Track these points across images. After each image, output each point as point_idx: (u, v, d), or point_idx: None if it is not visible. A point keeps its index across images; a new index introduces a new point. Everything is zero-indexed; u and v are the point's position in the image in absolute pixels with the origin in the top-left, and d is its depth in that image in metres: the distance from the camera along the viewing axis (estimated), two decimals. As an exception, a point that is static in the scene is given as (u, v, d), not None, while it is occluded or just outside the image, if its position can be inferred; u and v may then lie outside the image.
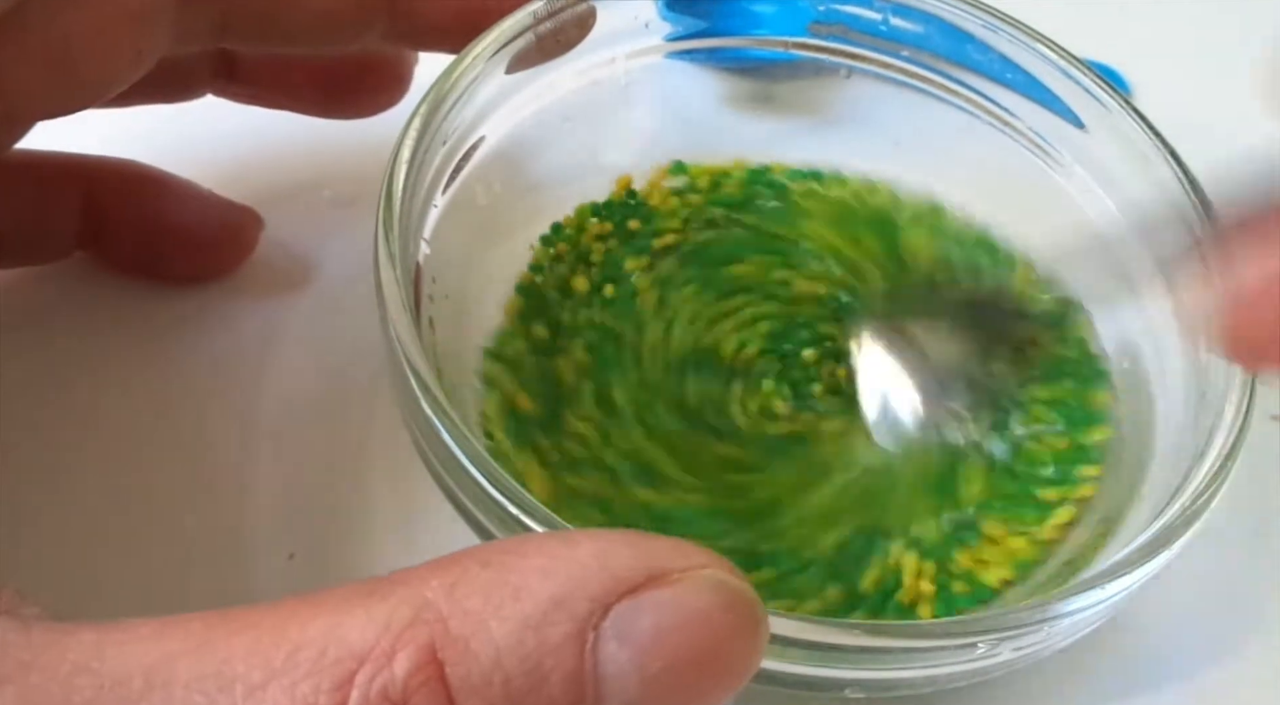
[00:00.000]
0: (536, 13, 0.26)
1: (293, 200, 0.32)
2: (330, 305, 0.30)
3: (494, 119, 0.27)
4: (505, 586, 0.15)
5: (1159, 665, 0.26)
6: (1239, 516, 0.27)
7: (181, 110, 0.29)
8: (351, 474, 0.27)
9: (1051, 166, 0.29)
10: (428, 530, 0.26)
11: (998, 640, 0.20)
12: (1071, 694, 0.26)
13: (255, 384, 0.28)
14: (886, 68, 0.30)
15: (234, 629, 0.15)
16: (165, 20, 0.24)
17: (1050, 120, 0.28)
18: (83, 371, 0.28)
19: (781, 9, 0.29)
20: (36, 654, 0.15)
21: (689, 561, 0.16)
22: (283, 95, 0.29)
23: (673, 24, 0.29)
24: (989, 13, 0.28)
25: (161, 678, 0.14)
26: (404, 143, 0.24)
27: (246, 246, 0.30)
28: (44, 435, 0.27)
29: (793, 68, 0.30)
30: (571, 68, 0.28)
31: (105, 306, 0.29)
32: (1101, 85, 0.27)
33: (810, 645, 0.19)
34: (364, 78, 0.29)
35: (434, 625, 0.15)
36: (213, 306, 0.30)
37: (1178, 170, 0.26)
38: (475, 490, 0.20)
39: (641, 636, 0.15)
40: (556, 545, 0.16)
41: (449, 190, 0.26)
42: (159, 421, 0.28)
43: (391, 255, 0.22)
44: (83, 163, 0.28)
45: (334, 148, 0.31)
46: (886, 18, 0.29)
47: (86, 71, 0.23)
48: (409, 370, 0.21)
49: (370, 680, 0.14)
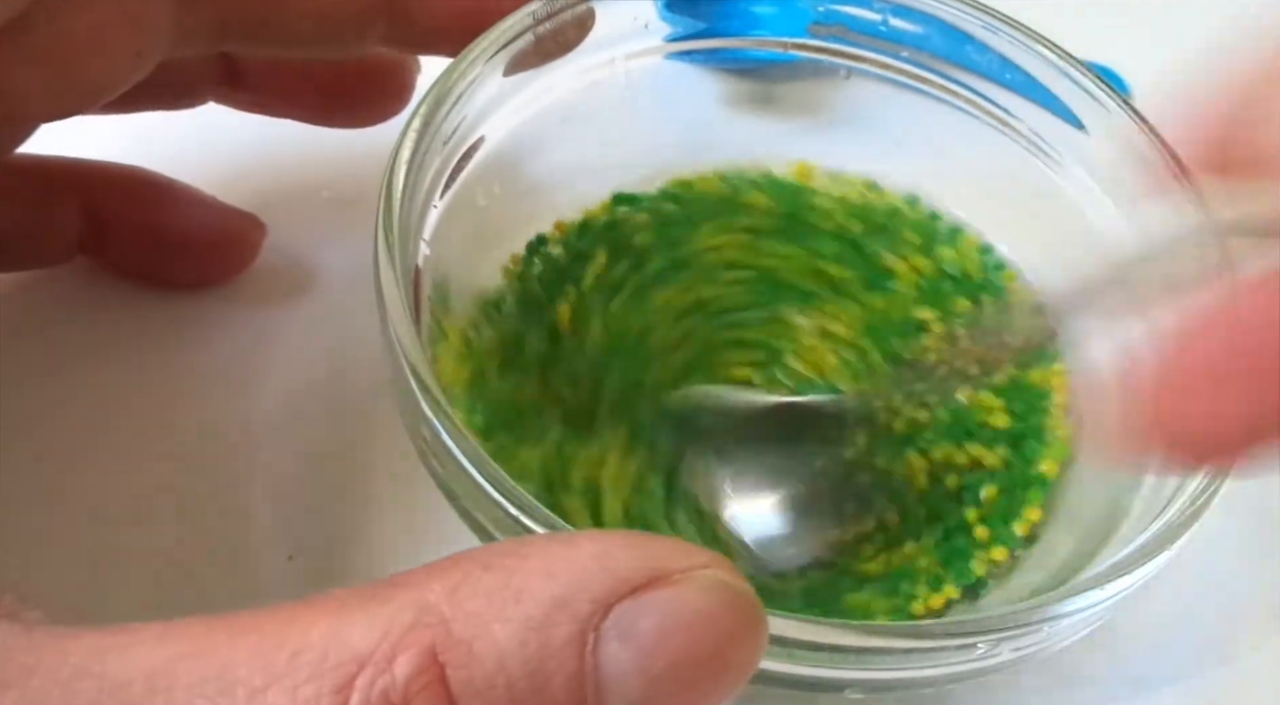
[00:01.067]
0: (535, 14, 0.26)
1: (292, 202, 0.32)
2: (330, 306, 0.30)
3: (493, 120, 0.27)
4: (507, 589, 0.15)
5: (1157, 666, 0.26)
6: (1238, 517, 0.27)
7: (181, 113, 0.29)
8: (352, 475, 0.27)
9: (1051, 167, 0.29)
10: (428, 531, 0.26)
11: (997, 640, 0.20)
12: (1071, 694, 0.26)
13: (255, 386, 0.28)
14: (886, 68, 0.30)
15: (235, 633, 0.15)
16: (164, 22, 0.24)
17: (1050, 121, 0.28)
18: (84, 375, 0.28)
19: (781, 10, 0.29)
20: (38, 657, 0.15)
21: (690, 561, 0.16)
22: (285, 103, 0.29)
23: (672, 25, 0.29)
24: (989, 13, 0.28)
25: (163, 681, 0.14)
26: (403, 144, 0.24)
27: (249, 253, 0.30)
28: (45, 438, 0.27)
29: (792, 68, 0.30)
30: (571, 69, 0.28)
31: (106, 310, 0.29)
32: (1101, 86, 0.27)
33: (810, 645, 0.19)
34: (366, 86, 0.29)
35: (436, 628, 0.15)
36: (213, 308, 0.30)
37: (1177, 170, 0.26)
38: (475, 491, 0.20)
39: (643, 637, 0.15)
40: (557, 547, 0.16)
41: (449, 191, 0.26)
42: (160, 424, 0.28)
43: (391, 256, 0.22)
44: (85, 168, 0.28)
45: (333, 149, 0.31)
46: (886, 18, 0.29)
47: (86, 73, 0.23)
48: (409, 371, 0.21)
49: (371, 683, 0.14)
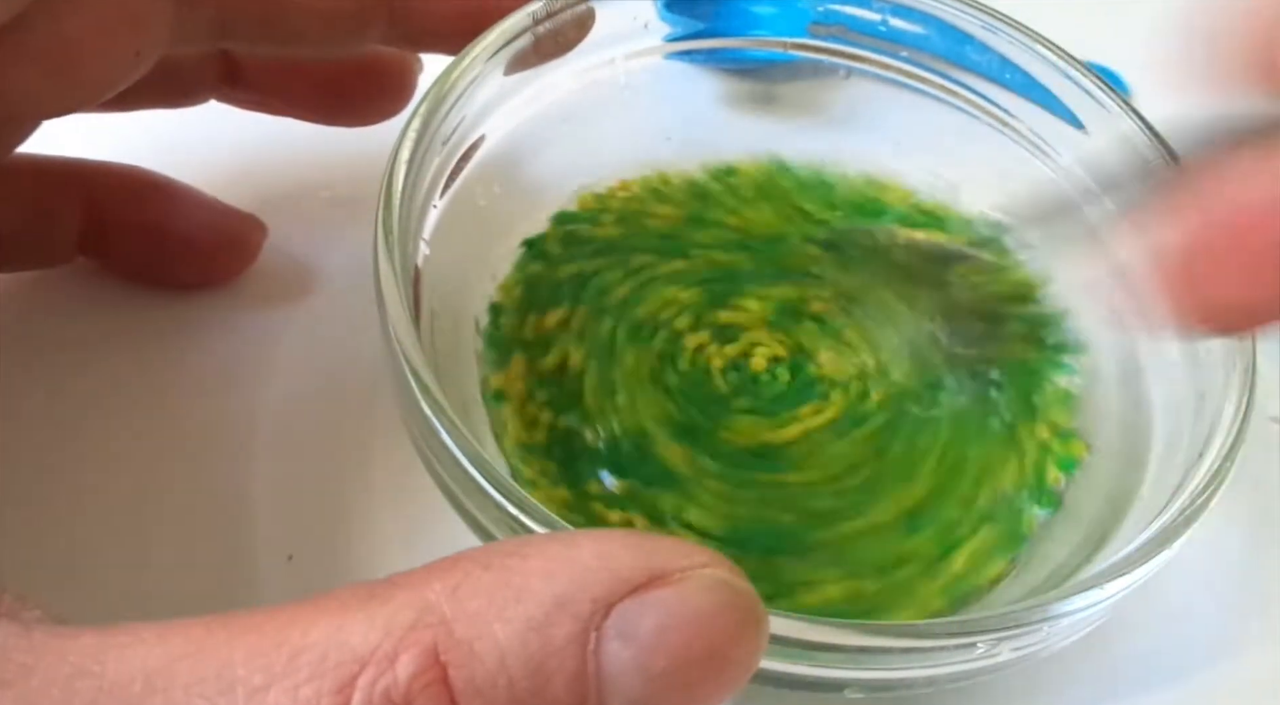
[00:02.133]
0: (535, 13, 0.26)
1: (292, 202, 0.32)
2: (330, 306, 0.30)
3: (493, 120, 0.27)
4: (508, 588, 0.15)
5: (1157, 666, 0.26)
6: (1238, 517, 0.27)
7: (181, 113, 0.29)
8: (351, 475, 0.27)
9: (1051, 167, 0.29)
10: (428, 532, 0.26)
11: (997, 640, 0.20)
12: (1071, 694, 0.26)
13: (255, 386, 0.28)
14: (886, 68, 0.30)
15: (235, 633, 0.15)
16: (163, 20, 0.24)
17: (1050, 121, 0.28)
18: (85, 376, 0.28)
19: (781, 10, 0.29)
20: (37, 657, 0.15)
21: (690, 561, 0.16)
22: (286, 102, 0.29)
23: (672, 25, 0.29)
24: (988, 13, 0.28)
25: (162, 681, 0.14)
26: (403, 143, 0.24)
27: (249, 254, 0.30)
28: (45, 439, 0.27)
29: (792, 68, 0.30)
30: (570, 68, 0.28)
31: (107, 311, 0.29)
32: (1101, 86, 0.27)
33: (810, 645, 0.19)
34: (368, 84, 0.29)
35: (437, 628, 0.15)
36: (213, 308, 0.30)
37: (1177, 171, 0.26)
38: (475, 491, 0.20)
39: (645, 636, 0.15)
40: (558, 546, 0.16)
41: (448, 191, 0.26)
42: (160, 425, 0.28)
43: (391, 256, 0.22)
44: (86, 168, 0.28)
45: (333, 149, 0.31)
46: (886, 18, 0.29)
47: (86, 71, 0.23)
48: (409, 371, 0.21)
49: (373, 683, 0.14)
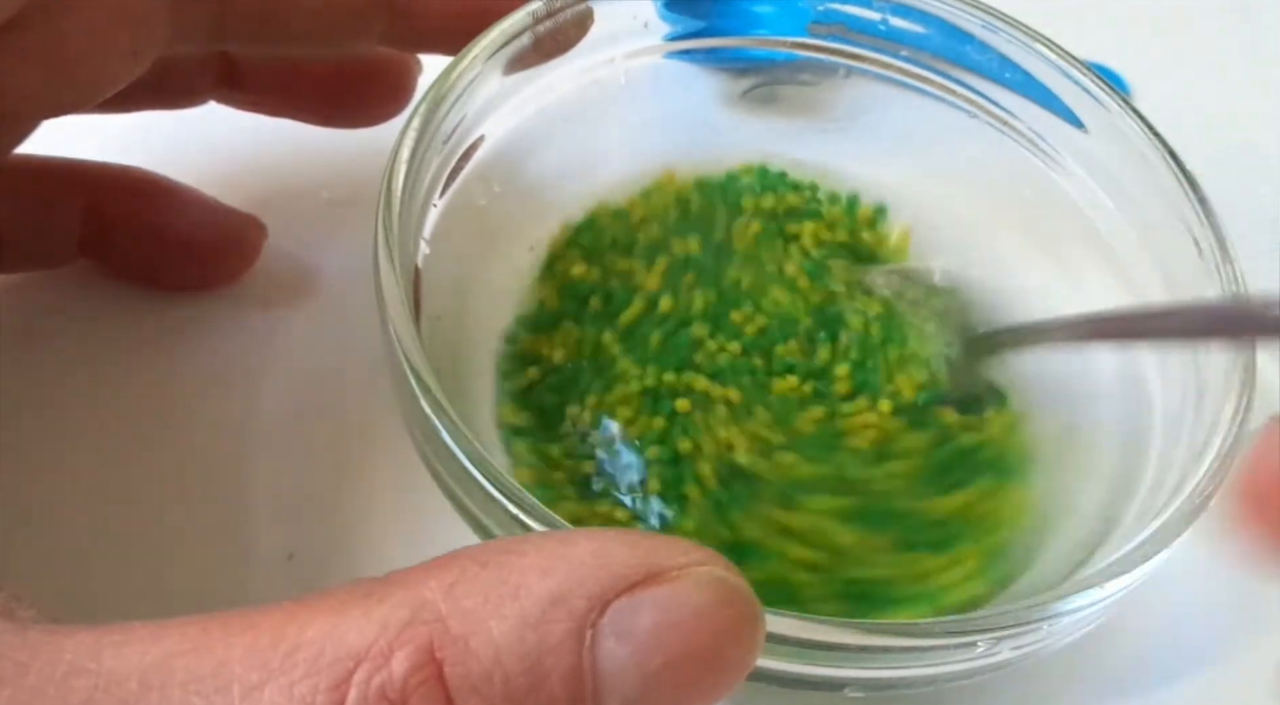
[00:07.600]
0: (535, 13, 0.26)
1: (292, 202, 0.32)
2: (330, 306, 0.30)
3: (493, 119, 0.27)
4: (504, 585, 0.15)
5: (1157, 665, 0.26)
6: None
7: (181, 113, 0.29)
8: (351, 474, 0.27)
9: (1051, 167, 0.29)
10: (427, 530, 0.26)
11: (997, 639, 0.20)
12: (1070, 694, 0.26)
13: (256, 386, 0.28)
14: (886, 68, 0.30)
15: (231, 631, 0.15)
16: (161, 19, 0.24)
17: (1050, 120, 0.28)
18: (85, 376, 0.28)
19: (781, 9, 0.29)
20: (33, 655, 0.15)
21: (687, 558, 0.16)
22: (285, 103, 0.29)
23: (672, 24, 0.29)
24: (989, 13, 0.28)
25: (158, 678, 0.14)
26: (403, 143, 0.24)
27: (249, 255, 0.30)
28: (45, 439, 0.27)
29: (792, 68, 0.30)
30: (570, 68, 0.28)
31: (107, 312, 0.29)
32: (1101, 86, 0.27)
33: (809, 644, 0.19)
34: (367, 86, 0.29)
35: (433, 625, 0.15)
36: (213, 309, 0.30)
37: (1177, 170, 0.26)
38: (475, 490, 0.20)
39: (640, 633, 0.15)
40: (554, 544, 0.16)
41: (448, 191, 0.26)
42: (160, 425, 0.28)
43: (391, 256, 0.22)
44: (86, 169, 0.28)
45: (333, 149, 0.31)
46: (886, 18, 0.29)
47: (83, 71, 0.23)
48: (409, 370, 0.21)
49: (368, 679, 0.14)
